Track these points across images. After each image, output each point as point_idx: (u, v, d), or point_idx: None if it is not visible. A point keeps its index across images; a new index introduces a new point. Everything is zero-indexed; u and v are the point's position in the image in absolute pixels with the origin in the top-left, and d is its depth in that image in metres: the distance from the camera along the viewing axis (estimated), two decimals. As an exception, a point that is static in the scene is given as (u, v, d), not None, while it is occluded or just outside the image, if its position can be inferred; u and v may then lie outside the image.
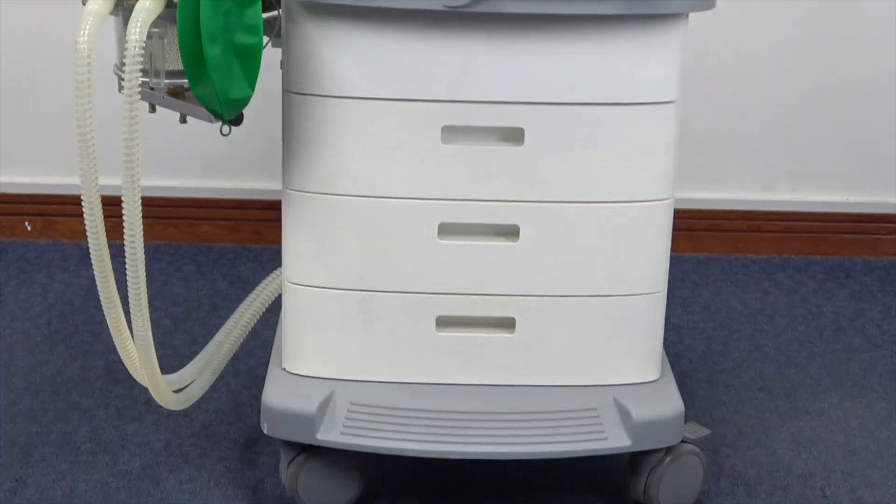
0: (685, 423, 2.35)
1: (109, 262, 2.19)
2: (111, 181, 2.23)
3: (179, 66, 2.17)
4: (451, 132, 2.21)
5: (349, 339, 2.32)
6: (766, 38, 3.38)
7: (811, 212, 3.54)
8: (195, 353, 2.59)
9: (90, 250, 2.16)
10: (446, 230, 2.26)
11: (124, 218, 2.12)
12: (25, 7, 3.32)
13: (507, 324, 2.32)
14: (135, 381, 2.34)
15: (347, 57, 2.17)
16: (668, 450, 2.34)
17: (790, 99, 3.43)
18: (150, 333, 2.23)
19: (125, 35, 2.05)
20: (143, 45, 2.05)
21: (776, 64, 3.40)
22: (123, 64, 2.06)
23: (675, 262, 2.60)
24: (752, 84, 3.43)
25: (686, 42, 2.21)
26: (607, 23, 2.15)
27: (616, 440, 2.29)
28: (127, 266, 2.15)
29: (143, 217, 2.13)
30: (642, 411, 2.30)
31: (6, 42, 3.35)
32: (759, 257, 3.54)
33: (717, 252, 3.55)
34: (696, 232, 3.50)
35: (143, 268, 2.17)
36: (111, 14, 2.13)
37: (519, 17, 2.13)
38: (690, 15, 2.19)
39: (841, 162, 3.50)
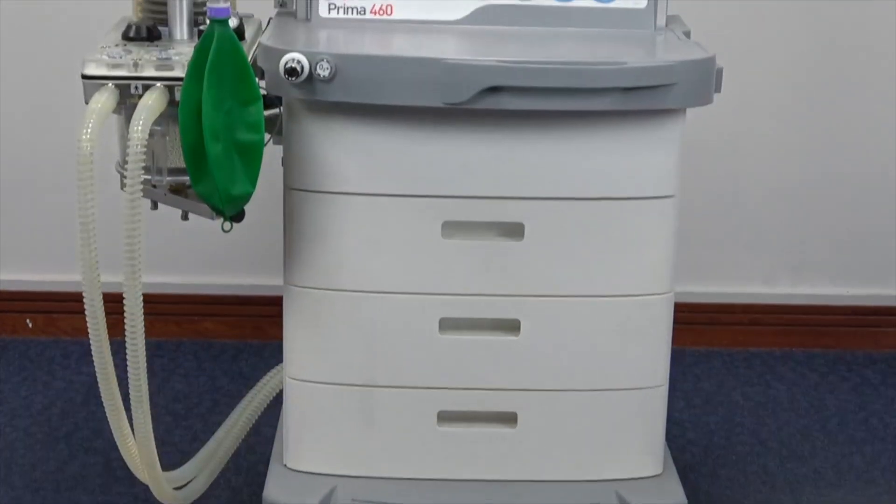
0: (688, 517, 2.34)
1: (111, 359, 2.19)
2: (112, 278, 2.24)
3: (181, 164, 2.19)
4: (452, 227, 2.22)
5: (350, 435, 2.31)
6: (764, 132, 3.40)
7: (812, 305, 3.54)
8: (196, 450, 2.58)
9: (91, 347, 2.16)
10: (447, 325, 2.26)
11: (125, 315, 2.12)
12: (27, 104, 3.35)
13: (509, 418, 2.31)
14: (136, 478, 2.33)
15: (348, 153, 2.19)
16: (672, 545, 2.33)
17: (789, 192, 3.45)
18: (150, 430, 2.22)
19: (127, 133, 2.07)
20: (146, 143, 2.06)
21: (774, 158, 3.42)
22: (126, 162, 2.07)
23: (677, 356, 2.60)
24: (751, 178, 3.44)
25: (684, 137, 2.23)
26: (606, 119, 2.17)
27: (619, 535, 2.29)
28: (128, 363, 2.15)
29: (145, 314, 2.14)
30: (645, 506, 2.29)
31: (8, 138, 3.38)
32: (760, 350, 3.54)
33: (718, 345, 3.54)
34: (697, 325, 3.50)
35: (144, 365, 2.17)
36: (113, 112, 2.15)
37: (518, 113, 2.15)
38: (688, 110, 2.21)
39: (841, 255, 3.51)
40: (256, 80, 2.10)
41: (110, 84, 2.13)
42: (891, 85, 3.34)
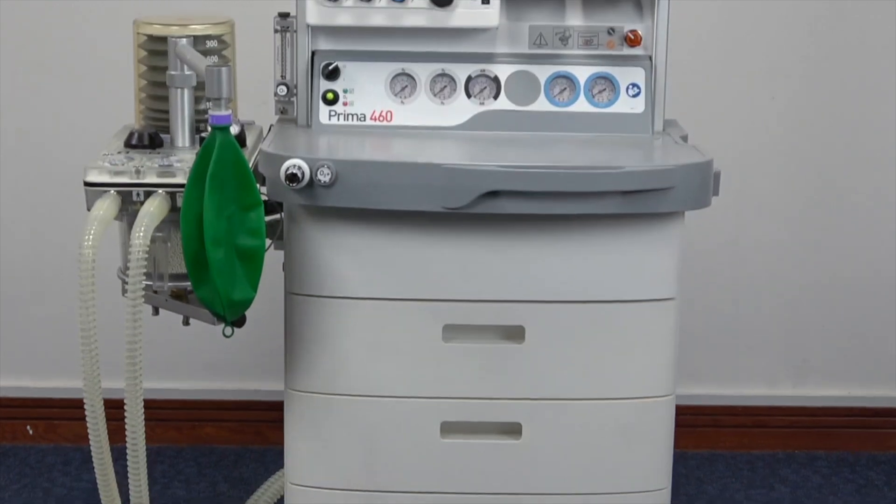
0: None
1: (111, 466, 2.18)
2: (113, 384, 2.24)
3: (182, 270, 2.20)
4: (453, 331, 2.22)
5: (352, 541, 2.30)
6: (764, 233, 3.41)
7: (814, 406, 3.52)
8: (196, 557, 2.56)
9: (92, 454, 2.15)
10: (449, 429, 2.26)
11: (126, 421, 2.12)
12: (29, 210, 3.36)
13: (511, 523, 2.30)
14: (135, 586, 2.31)
15: (349, 258, 2.20)
16: None
17: (790, 294, 3.45)
18: (151, 537, 2.21)
19: (129, 240, 2.08)
20: (147, 249, 2.07)
21: (774, 259, 3.43)
22: (127, 268, 2.08)
23: (679, 459, 2.59)
24: (751, 279, 3.45)
25: (684, 239, 2.24)
26: (605, 222, 2.18)
27: None
28: (129, 470, 2.14)
29: (145, 419, 2.13)
30: None
31: (9, 244, 3.39)
32: (763, 453, 3.52)
33: (721, 448, 3.53)
34: (699, 428, 3.49)
35: (145, 471, 2.16)
36: (115, 219, 2.16)
37: (517, 217, 2.16)
38: (687, 213, 2.23)
39: (843, 356, 3.51)
40: (258, 185, 2.12)
41: (112, 191, 2.15)
42: (890, 184, 3.36)
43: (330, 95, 2.37)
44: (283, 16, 2.39)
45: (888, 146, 3.34)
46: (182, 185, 2.12)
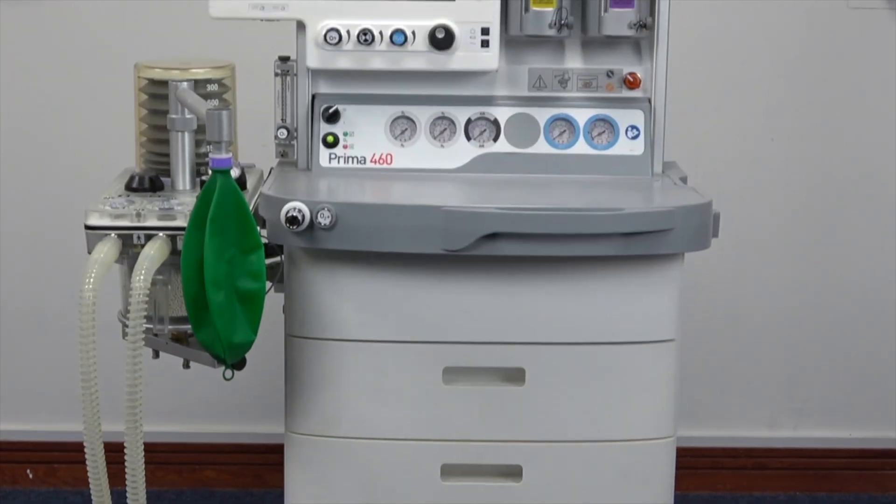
0: None
1: (111, 509, 2.17)
2: (113, 427, 2.23)
3: (183, 313, 2.20)
4: (453, 373, 2.22)
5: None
6: (763, 275, 3.41)
7: (815, 448, 3.52)
8: None
9: (92, 497, 2.15)
10: (449, 471, 2.25)
11: (126, 464, 2.11)
12: (30, 252, 3.37)
13: (512, 566, 2.29)
14: None
15: (349, 301, 2.20)
16: None
17: (790, 335, 3.45)
18: (150, 581, 2.20)
19: (130, 283, 2.08)
20: (148, 292, 2.07)
21: (774, 301, 3.43)
22: (128, 311, 2.08)
23: (680, 501, 2.58)
24: (752, 321, 3.45)
25: (683, 281, 2.24)
26: (605, 263, 2.19)
27: None
28: (128, 513, 2.14)
29: (146, 462, 2.13)
30: None
31: (9, 287, 3.39)
32: (764, 495, 3.51)
33: (721, 490, 3.52)
34: (700, 470, 3.48)
35: (145, 514, 2.16)
36: (116, 262, 2.17)
37: (517, 259, 2.17)
38: (687, 254, 2.23)
39: (843, 398, 3.50)
40: (258, 228, 2.12)
41: (113, 234, 2.15)
42: (890, 225, 3.37)
43: (330, 138, 2.38)
44: (284, 59, 2.41)
45: (888, 186, 3.34)
46: (182, 228, 2.12)
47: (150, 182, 2.32)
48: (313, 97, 2.40)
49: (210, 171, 2.07)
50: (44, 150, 3.29)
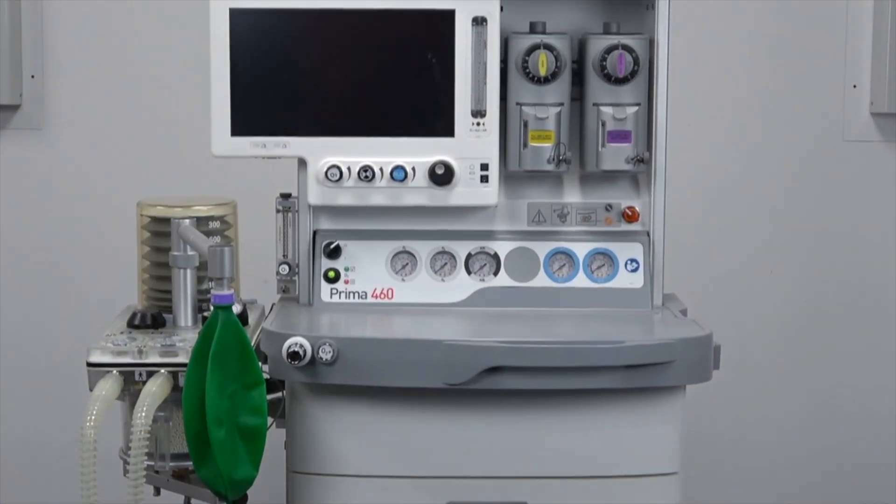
0: None
1: None
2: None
3: (184, 449, 2.19)
4: (456, 508, 2.21)
5: None
6: (766, 407, 3.40)
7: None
8: None
9: None
10: None
11: None
12: (30, 390, 3.36)
13: None
14: None
15: (351, 436, 2.19)
16: None
17: (794, 467, 3.43)
18: None
19: (131, 419, 2.08)
20: (149, 429, 2.07)
21: (778, 433, 3.42)
22: (129, 448, 2.08)
23: None
24: (755, 453, 3.43)
25: (685, 413, 2.24)
26: (607, 396, 2.18)
27: None
28: None
29: None
30: None
31: (10, 424, 3.38)
32: None
33: None
34: None
35: None
36: (117, 399, 2.16)
37: (519, 392, 2.17)
38: (688, 386, 2.23)
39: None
40: (259, 364, 2.12)
41: (115, 371, 2.15)
42: (887, 355, 3.37)
43: (331, 274, 2.39)
44: (286, 196, 2.43)
45: (888, 319, 3.35)
46: (184, 365, 2.12)
47: (152, 319, 2.33)
48: (315, 233, 2.41)
49: (212, 308, 2.08)
50: (46, 287, 3.30)
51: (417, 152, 2.34)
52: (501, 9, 2.33)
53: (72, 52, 3.25)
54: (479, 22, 2.32)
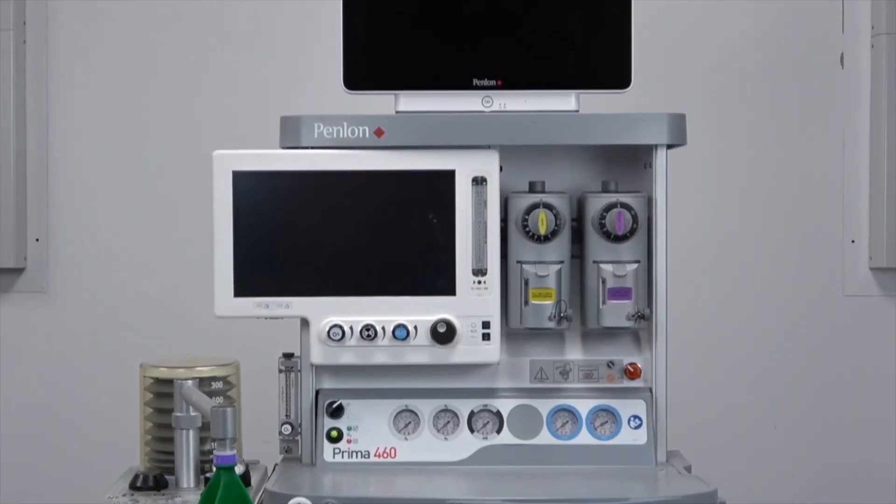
0: None
1: None
2: None
3: None
4: None
5: None
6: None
7: None
8: None
9: None
10: None
11: None
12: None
13: None
14: None
15: None
16: None
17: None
18: None
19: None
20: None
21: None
22: None
23: None
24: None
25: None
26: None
27: None
28: None
29: None
30: None
31: None
32: None
33: None
34: None
35: None
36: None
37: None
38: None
39: None
40: (262, 526, 2.11)
41: (116, 535, 2.14)
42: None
43: (334, 433, 2.39)
44: (288, 356, 2.43)
45: (888, 472, 3.34)
46: (186, 527, 2.11)
47: (155, 480, 2.32)
48: (317, 392, 2.41)
49: (214, 468, 2.07)
50: (47, 450, 3.30)
51: (419, 311, 2.35)
52: (501, 168, 2.37)
53: (76, 216, 3.29)
54: (478, 182, 2.35)
